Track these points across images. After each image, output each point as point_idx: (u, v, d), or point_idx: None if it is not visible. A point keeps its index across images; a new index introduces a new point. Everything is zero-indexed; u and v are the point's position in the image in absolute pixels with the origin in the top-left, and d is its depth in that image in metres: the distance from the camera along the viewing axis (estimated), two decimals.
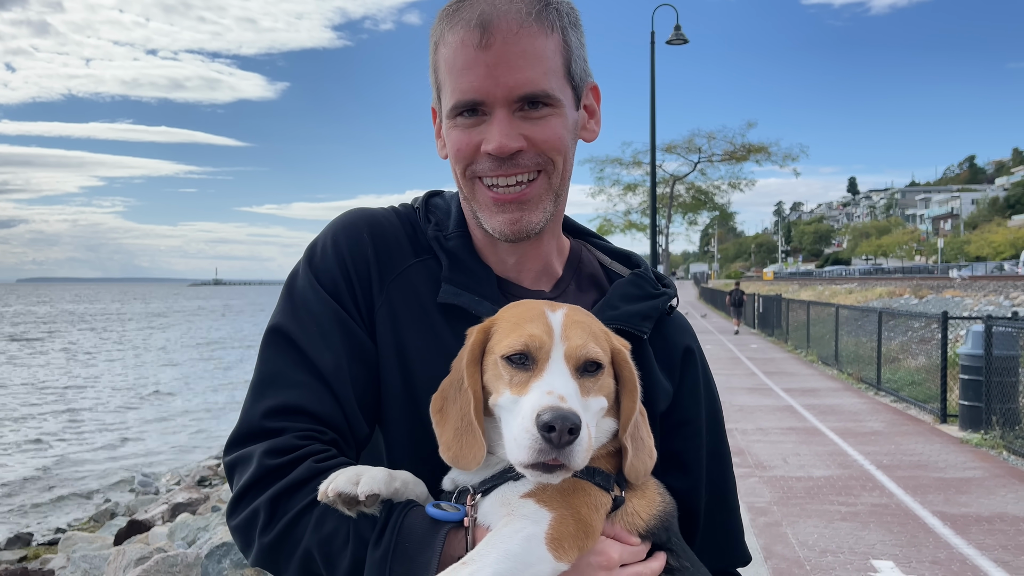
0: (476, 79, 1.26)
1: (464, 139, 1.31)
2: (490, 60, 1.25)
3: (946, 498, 7.91)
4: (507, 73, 1.25)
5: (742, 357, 22.26)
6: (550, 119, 1.30)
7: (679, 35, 25.01)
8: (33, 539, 11.58)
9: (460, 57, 1.27)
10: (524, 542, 1.06)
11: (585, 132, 1.41)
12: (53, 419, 21.97)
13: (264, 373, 1.31)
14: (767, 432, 11.29)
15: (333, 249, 1.38)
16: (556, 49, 1.29)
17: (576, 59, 1.33)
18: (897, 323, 16.86)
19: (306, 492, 1.18)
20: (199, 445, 18.25)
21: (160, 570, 5.46)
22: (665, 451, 1.41)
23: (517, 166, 1.30)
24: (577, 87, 1.34)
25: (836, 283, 54.18)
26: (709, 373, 1.55)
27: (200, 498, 11.42)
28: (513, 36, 1.25)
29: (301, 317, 1.33)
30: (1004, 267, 64.62)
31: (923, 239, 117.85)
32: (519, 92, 1.26)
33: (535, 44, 1.26)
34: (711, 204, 50.09)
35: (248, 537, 1.21)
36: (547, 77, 1.28)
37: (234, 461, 1.25)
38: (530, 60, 1.26)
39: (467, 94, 1.27)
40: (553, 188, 1.35)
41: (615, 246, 1.58)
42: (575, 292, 1.47)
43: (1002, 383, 10.49)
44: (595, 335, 1.19)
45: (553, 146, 1.31)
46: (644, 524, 1.22)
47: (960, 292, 28.82)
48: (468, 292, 1.35)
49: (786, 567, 6.06)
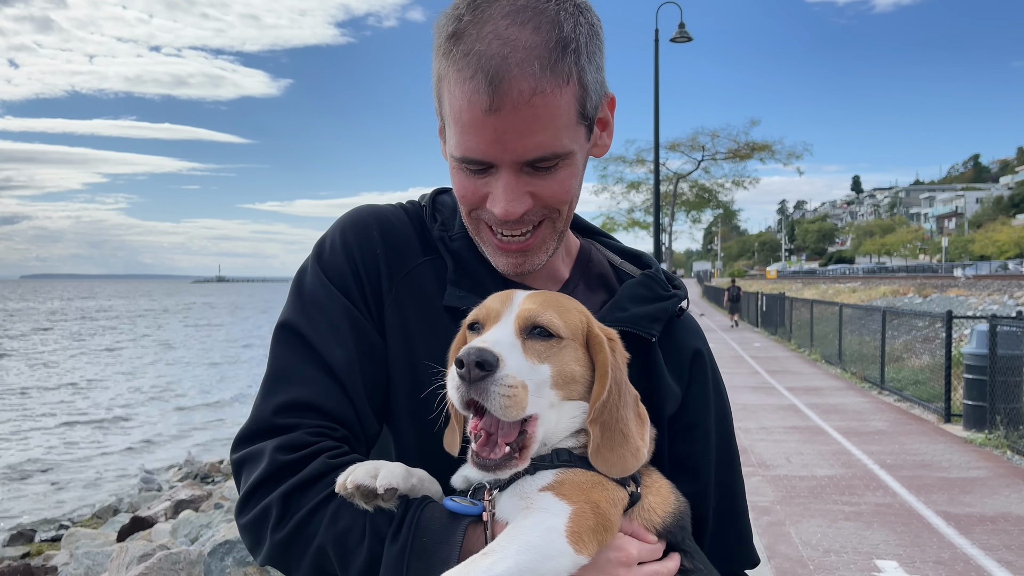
0: (483, 143, 1.20)
1: (470, 188, 1.27)
2: (499, 125, 1.17)
3: (950, 498, 7.88)
4: (517, 139, 1.18)
5: (745, 356, 22.22)
6: (558, 172, 1.25)
7: (683, 33, 24.97)
8: (36, 536, 11.60)
9: (467, 114, 1.19)
10: (544, 534, 1.05)
11: (596, 149, 1.35)
12: (58, 416, 22.01)
13: (275, 369, 1.29)
14: (770, 431, 11.27)
15: (342, 245, 1.37)
16: (571, 99, 1.20)
17: (592, 94, 1.24)
18: (901, 322, 16.81)
19: (319, 488, 1.17)
20: (203, 442, 18.27)
21: (163, 567, 5.46)
22: (674, 454, 1.39)
23: (523, 223, 1.28)
24: (591, 118, 1.28)
25: (840, 282, 54.08)
26: (719, 376, 1.52)
27: (203, 495, 11.43)
28: (525, 103, 1.15)
29: (311, 313, 1.31)
30: (1008, 266, 64.48)
31: (927, 238, 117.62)
32: (528, 157, 1.21)
33: (548, 106, 1.17)
34: (715, 202, 50.07)
35: (259, 535, 1.18)
36: (558, 137, 1.21)
37: (244, 458, 1.23)
38: (543, 124, 1.18)
39: (474, 153, 1.22)
40: (557, 231, 1.33)
41: (625, 246, 1.55)
42: (584, 292, 1.44)
43: (1006, 382, 10.45)
44: (562, 309, 1.18)
45: (560, 199, 1.28)
46: (661, 522, 1.21)
47: (964, 291, 28.76)
48: (473, 295, 1.33)
49: (789, 567, 6.04)
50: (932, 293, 29.91)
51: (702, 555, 1.29)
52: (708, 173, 47.54)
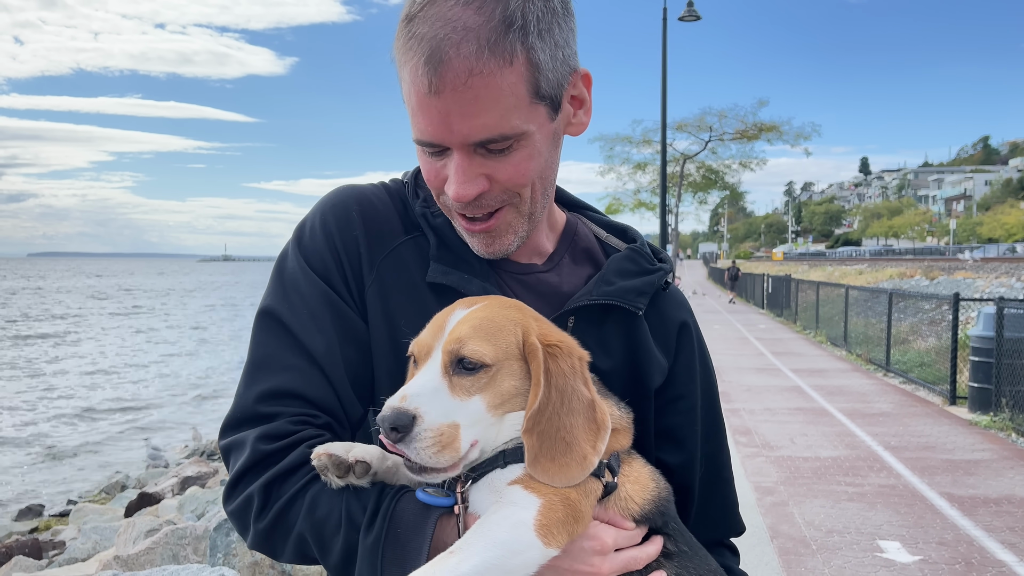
0: (431, 126, 1.19)
1: (432, 171, 1.27)
2: (442, 107, 1.16)
3: (954, 479, 7.89)
4: (460, 121, 1.17)
5: (750, 337, 22.21)
6: (513, 154, 1.22)
7: (692, 11, 24.75)
8: (44, 511, 11.73)
9: (414, 97, 1.19)
10: (512, 529, 1.06)
11: (571, 127, 1.33)
12: (68, 394, 22.16)
13: (256, 357, 1.30)
14: (775, 412, 11.28)
15: (322, 229, 1.36)
16: (517, 79, 1.17)
17: (547, 74, 1.21)
18: (907, 304, 16.75)
19: (299, 477, 1.19)
20: (209, 419, 18.39)
21: (169, 542, 5.51)
22: (661, 426, 1.41)
23: (481, 207, 1.26)
24: (552, 98, 1.24)
25: (846, 264, 53.92)
26: (705, 348, 1.53)
27: (209, 472, 11.53)
28: (463, 84, 1.14)
29: (291, 299, 1.31)
30: (1016, 249, 64.13)
31: (935, 220, 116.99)
32: (474, 139, 1.19)
33: (489, 86, 1.15)
34: (721, 183, 49.78)
35: (244, 522, 1.22)
36: (506, 117, 1.18)
37: (229, 445, 1.25)
38: (484, 104, 1.16)
39: (424, 135, 1.22)
40: (523, 214, 1.30)
41: (611, 219, 1.55)
42: (569, 265, 1.44)
43: (1013, 365, 10.42)
44: (492, 331, 1.15)
45: (516, 182, 1.25)
46: (639, 509, 1.21)
47: (972, 274, 28.63)
48: (457, 271, 1.33)
49: (792, 547, 6.06)
50: (939, 275, 29.79)
51: (689, 537, 1.29)
52: (715, 154, 47.25)
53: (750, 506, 6.94)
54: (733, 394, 12.64)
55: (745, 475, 7.93)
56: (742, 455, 8.74)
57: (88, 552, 7.89)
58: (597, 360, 1.31)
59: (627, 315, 1.38)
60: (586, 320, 1.36)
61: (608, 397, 1.27)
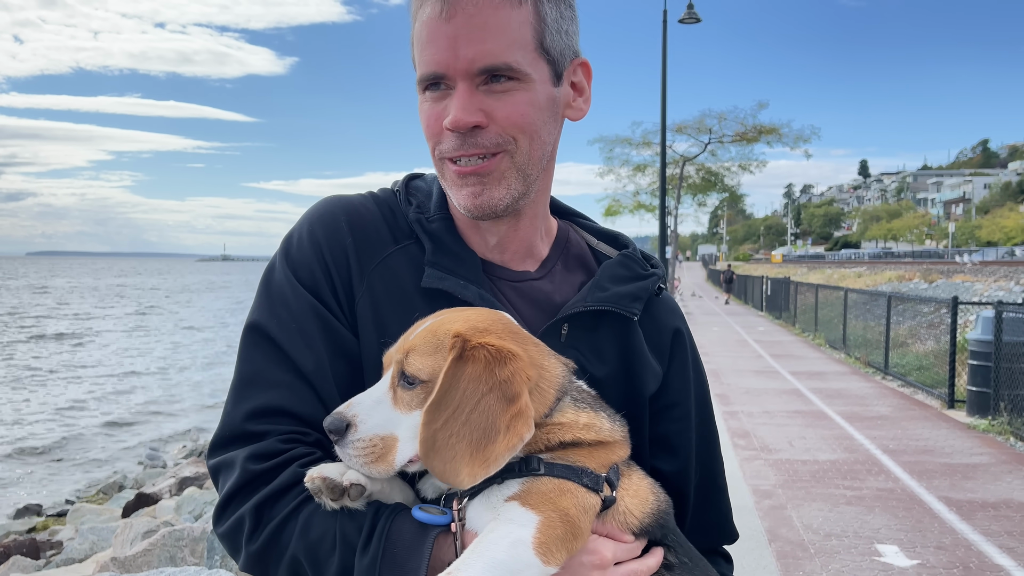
0: (438, 51, 1.22)
1: (431, 114, 1.27)
2: (451, 32, 1.20)
3: (952, 483, 7.89)
4: (467, 45, 1.20)
5: (749, 340, 22.21)
6: (514, 94, 1.24)
7: (692, 14, 24.75)
8: (42, 510, 11.71)
9: (426, 30, 1.23)
10: (510, 548, 1.04)
11: (571, 111, 1.35)
12: (66, 393, 22.14)
13: (244, 373, 1.27)
14: (773, 415, 11.28)
15: (310, 240, 1.33)
16: (524, 20, 1.23)
17: (552, 32, 1.26)
18: (906, 307, 16.74)
19: (291, 497, 1.16)
20: (208, 419, 18.37)
21: (166, 543, 5.50)
22: (655, 434, 1.41)
23: (477, 145, 1.25)
24: (556, 61, 1.28)
25: (845, 266, 53.94)
26: (697, 354, 1.53)
27: (207, 473, 11.51)
28: (475, 7, 1.20)
29: (279, 314, 1.28)
30: (1015, 252, 64.17)
31: (934, 223, 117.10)
32: (479, 65, 1.21)
33: (499, 15, 1.21)
34: (721, 185, 49.69)
35: (235, 545, 1.19)
36: (511, 49, 1.22)
37: (218, 465, 1.22)
38: (492, 32, 1.21)
39: (429, 67, 1.24)
40: (517, 166, 1.28)
41: (601, 226, 1.55)
42: (562, 272, 1.44)
43: (1011, 369, 10.42)
44: (433, 346, 1.13)
45: (515, 123, 1.25)
46: (638, 522, 1.20)
47: (970, 277, 28.65)
48: (453, 276, 1.31)
49: (790, 550, 6.06)
50: (938, 279, 29.81)
51: (689, 548, 1.28)
52: (715, 156, 47.17)
53: (748, 509, 6.93)
54: (732, 396, 12.64)
55: (743, 478, 7.93)
56: (740, 458, 8.74)
57: (85, 553, 7.88)
58: (592, 367, 1.31)
59: (621, 321, 1.37)
60: (580, 327, 1.35)
61: (601, 410, 1.24)
